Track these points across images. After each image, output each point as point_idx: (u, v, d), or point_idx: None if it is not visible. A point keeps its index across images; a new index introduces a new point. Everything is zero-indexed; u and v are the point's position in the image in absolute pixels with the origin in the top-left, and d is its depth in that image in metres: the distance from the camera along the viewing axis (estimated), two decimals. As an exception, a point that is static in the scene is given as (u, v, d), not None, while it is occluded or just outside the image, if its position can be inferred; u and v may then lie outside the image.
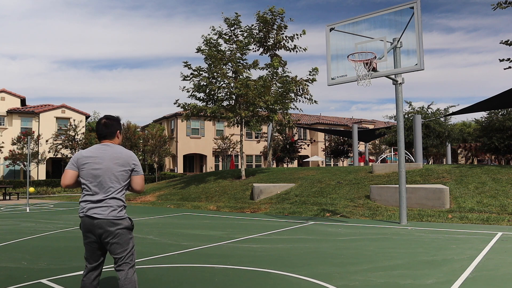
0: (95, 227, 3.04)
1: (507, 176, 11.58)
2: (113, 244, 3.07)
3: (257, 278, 4.60)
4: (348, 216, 10.38)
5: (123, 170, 3.14)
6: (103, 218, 3.03)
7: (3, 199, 21.16)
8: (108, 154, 3.15)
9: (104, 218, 3.03)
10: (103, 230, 3.04)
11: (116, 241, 3.07)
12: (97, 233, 3.06)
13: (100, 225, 3.03)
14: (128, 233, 3.13)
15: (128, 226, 3.13)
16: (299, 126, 33.18)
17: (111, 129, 3.26)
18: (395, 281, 4.39)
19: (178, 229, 8.72)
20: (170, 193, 17.22)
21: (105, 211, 3.05)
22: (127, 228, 3.12)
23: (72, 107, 34.42)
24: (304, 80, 17.64)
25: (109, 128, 3.26)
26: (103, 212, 3.04)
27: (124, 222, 3.10)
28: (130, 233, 3.15)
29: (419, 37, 8.47)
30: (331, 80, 9.53)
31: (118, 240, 3.07)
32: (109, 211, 3.05)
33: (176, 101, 17.44)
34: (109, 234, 3.04)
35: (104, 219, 3.03)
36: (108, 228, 3.03)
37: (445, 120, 24.14)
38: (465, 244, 6.44)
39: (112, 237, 3.05)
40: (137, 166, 3.21)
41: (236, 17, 17.17)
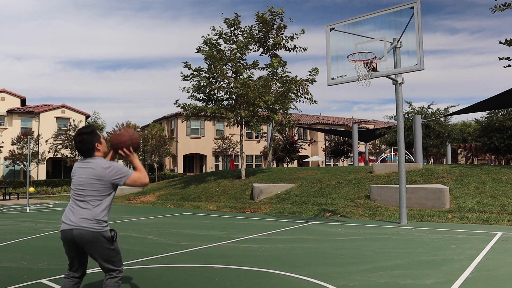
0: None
1: (507, 176, 11.58)
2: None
3: (257, 278, 4.60)
4: (348, 216, 10.38)
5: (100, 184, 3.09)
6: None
7: (3, 199, 21.16)
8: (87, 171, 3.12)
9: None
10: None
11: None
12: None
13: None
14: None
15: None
16: (299, 126, 33.17)
17: (87, 145, 3.15)
18: (395, 281, 4.39)
19: (178, 229, 8.72)
20: (170, 193, 17.22)
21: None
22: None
23: (72, 107, 34.42)
24: (304, 80, 17.64)
25: (85, 145, 3.15)
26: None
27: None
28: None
29: (419, 37, 8.47)
30: (331, 80, 9.52)
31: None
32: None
33: (176, 101, 17.45)
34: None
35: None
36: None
37: (445, 120, 24.15)
38: (465, 244, 6.44)
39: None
40: (117, 175, 3.09)
41: (236, 17, 17.18)
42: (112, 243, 3.11)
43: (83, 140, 3.14)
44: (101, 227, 3.05)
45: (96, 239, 3.02)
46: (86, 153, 3.16)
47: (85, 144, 3.14)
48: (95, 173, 3.08)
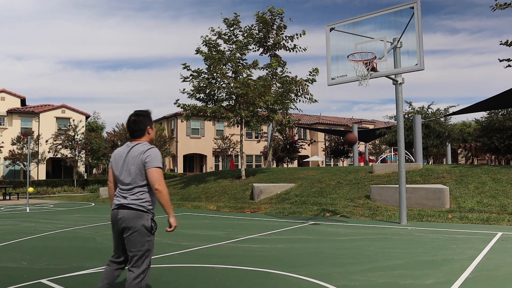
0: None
1: (507, 176, 11.58)
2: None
3: (257, 278, 4.60)
4: (348, 216, 10.38)
5: (136, 168, 3.15)
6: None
7: (3, 199, 21.16)
8: (130, 155, 3.20)
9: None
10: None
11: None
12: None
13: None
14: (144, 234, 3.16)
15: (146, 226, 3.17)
16: (299, 126, 33.18)
17: (140, 125, 3.21)
18: (395, 281, 4.39)
19: (178, 229, 8.72)
20: (170, 193, 17.22)
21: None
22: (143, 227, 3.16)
23: (72, 107, 34.42)
24: (304, 80, 17.63)
25: (139, 126, 3.21)
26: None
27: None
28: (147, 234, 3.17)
29: (419, 37, 8.47)
30: (331, 80, 9.52)
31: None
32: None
33: (176, 101, 17.44)
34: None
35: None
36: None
37: (445, 120, 24.14)
38: (465, 244, 6.44)
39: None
40: (149, 158, 3.11)
41: (235, 17, 17.17)
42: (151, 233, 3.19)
43: (137, 121, 3.21)
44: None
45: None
46: (136, 133, 3.22)
47: (138, 124, 3.21)
48: (135, 156, 3.15)
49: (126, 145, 3.26)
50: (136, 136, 3.23)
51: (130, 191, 3.16)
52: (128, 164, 3.16)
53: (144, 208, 3.16)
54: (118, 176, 3.22)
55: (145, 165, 3.10)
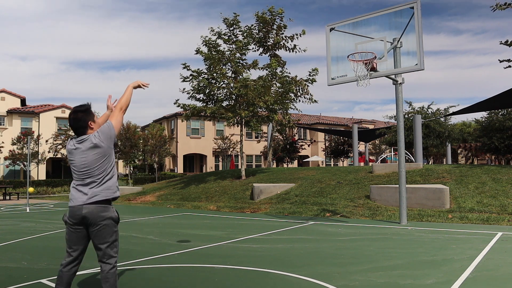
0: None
1: (507, 176, 11.58)
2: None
3: (257, 278, 4.60)
4: (348, 216, 10.38)
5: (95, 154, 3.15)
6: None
7: (3, 199, 21.16)
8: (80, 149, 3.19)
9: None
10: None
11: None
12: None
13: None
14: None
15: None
16: (299, 126, 33.18)
17: (81, 123, 3.19)
18: (395, 281, 4.39)
19: (178, 229, 8.72)
20: (170, 193, 17.21)
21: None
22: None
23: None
24: (304, 80, 17.63)
25: (79, 123, 3.19)
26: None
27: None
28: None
29: (419, 37, 8.47)
30: (331, 80, 9.52)
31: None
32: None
33: (176, 101, 17.45)
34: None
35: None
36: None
37: (445, 120, 24.14)
38: (465, 244, 6.44)
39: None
40: (101, 131, 3.15)
41: (235, 17, 17.17)
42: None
43: (77, 118, 3.18)
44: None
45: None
46: (79, 130, 3.20)
47: (79, 121, 3.18)
48: (93, 146, 3.14)
49: (73, 142, 3.23)
50: (80, 133, 3.22)
51: (91, 185, 3.15)
52: (81, 160, 3.15)
53: (109, 201, 3.19)
54: (78, 169, 3.20)
55: (109, 132, 3.17)
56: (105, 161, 3.17)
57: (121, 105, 3.29)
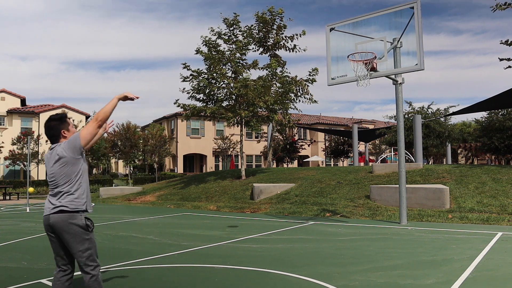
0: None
1: (507, 176, 11.58)
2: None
3: (257, 278, 4.60)
4: (348, 216, 10.38)
5: (59, 164, 3.11)
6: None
7: (3, 199, 21.16)
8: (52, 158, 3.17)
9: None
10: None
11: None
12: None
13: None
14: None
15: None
16: (299, 126, 33.18)
17: (53, 131, 3.20)
18: (395, 281, 4.39)
19: (178, 229, 8.72)
20: (170, 193, 17.21)
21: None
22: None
23: (72, 107, 34.43)
24: (304, 80, 17.63)
25: (51, 131, 3.20)
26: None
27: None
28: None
29: (419, 37, 8.47)
30: (331, 80, 9.53)
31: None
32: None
33: (176, 101, 17.45)
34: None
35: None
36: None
37: (445, 120, 24.13)
38: (465, 244, 6.44)
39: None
40: (68, 142, 3.10)
41: (235, 17, 17.17)
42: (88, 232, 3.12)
43: (50, 126, 3.21)
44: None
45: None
46: (52, 139, 3.22)
47: (51, 130, 3.20)
48: (57, 157, 3.11)
49: (51, 147, 3.27)
50: (53, 141, 3.23)
51: (58, 193, 3.13)
52: (52, 165, 3.15)
53: (76, 208, 3.11)
54: (48, 179, 3.22)
55: (75, 145, 3.11)
56: (69, 172, 3.11)
57: (97, 115, 3.14)
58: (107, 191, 18.80)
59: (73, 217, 3.08)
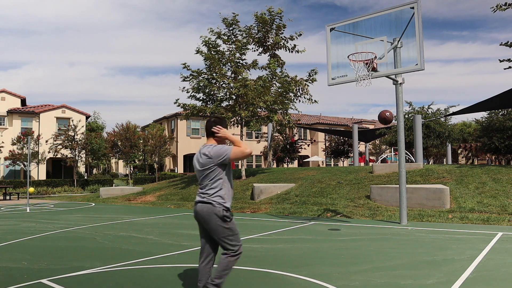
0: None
1: (508, 176, 11.57)
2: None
3: (257, 278, 4.60)
4: (349, 216, 10.38)
5: (207, 164, 3.63)
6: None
7: (3, 199, 21.16)
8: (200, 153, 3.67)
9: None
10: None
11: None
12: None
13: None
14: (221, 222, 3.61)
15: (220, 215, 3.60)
16: (299, 126, 33.17)
17: (209, 129, 3.70)
18: (395, 281, 4.38)
19: (178, 229, 8.72)
20: (170, 193, 17.22)
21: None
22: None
23: (72, 107, 34.44)
24: (304, 80, 17.63)
25: (208, 129, 3.71)
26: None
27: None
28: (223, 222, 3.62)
29: (420, 37, 8.47)
30: (331, 80, 9.53)
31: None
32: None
33: (177, 100, 17.46)
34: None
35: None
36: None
37: (446, 120, 24.13)
38: (466, 244, 6.44)
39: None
40: (219, 153, 3.59)
41: (234, 17, 17.17)
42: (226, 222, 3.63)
43: (208, 124, 3.70)
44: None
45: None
46: (208, 135, 3.73)
47: (208, 128, 3.71)
48: (205, 158, 3.64)
49: (205, 146, 3.74)
50: (210, 135, 3.74)
51: (203, 188, 3.73)
52: (201, 165, 3.68)
53: (215, 201, 3.73)
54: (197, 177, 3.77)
55: (223, 159, 3.68)
56: (212, 171, 3.74)
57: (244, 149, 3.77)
58: (107, 191, 18.80)
59: (213, 208, 3.70)
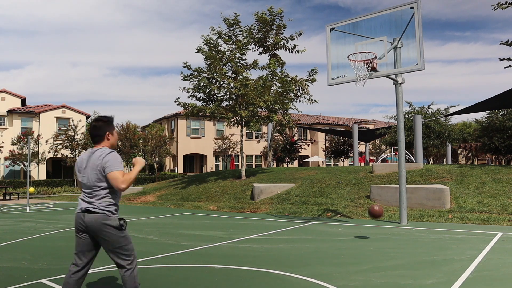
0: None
1: (508, 176, 11.57)
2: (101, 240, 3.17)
3: (257, 278, 4.60)
4: (349, 216, 10.38)
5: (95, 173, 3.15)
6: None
7: (3, 199, 21.16)
8: (90, 161, 3.20)
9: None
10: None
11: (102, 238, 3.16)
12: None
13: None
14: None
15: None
16: (299, 126, 33.18)
17: (98, 132, 3.25)
18: (395, 281, 4.38)
19: (178, 229, 8.72)
20: (170, 193, 17.21)
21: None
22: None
23: (72, 107, 34.44)
24: (304, 80, 17.62)
25: (97, 131, 3.25)
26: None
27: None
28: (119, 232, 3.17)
29: (420, 37, 8.47)
30: (331, 80, 9.53)
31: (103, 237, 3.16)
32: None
33: (177, 99, 17.45)
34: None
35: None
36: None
37: (446, 120, 24.13)
38: (466, 244, 6.44)
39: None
40: (107, 163, 3.10)
41: (235, 17, 17.17)
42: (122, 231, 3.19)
43: (97, 126, 3.27)
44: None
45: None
46: (95, 139, 3.28)
47: (98, 130, 3.26)
48: (92, 162, 3.18)
49: (88, 150, 3.32)
50: (96, 141, 3.27)
51: (92, 195, 3.17)
52: (88, 169, 3.19)
53: (109, 212, 3.15)
54: (81, 181, 3.25)
55: (105, 170, 3.11)
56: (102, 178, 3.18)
57: (126, 181, 3.12)
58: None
59: (107, 218, 3.13)
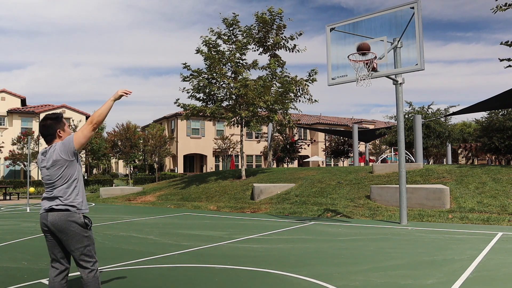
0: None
1: (508, 176, 11.57)
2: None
3: (257, 278, 4.60)
4: (349, 216, 10.38)
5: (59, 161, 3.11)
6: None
7: (3, 199, 21.16)
8: (47, 160, 3.16)
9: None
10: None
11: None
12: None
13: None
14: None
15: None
16: (299, 126, 33.17)
17: (49, 130, 3.21)
18: (395, 281, 4.38)
19: (178, 229, 8.72)
20: (170, 193, 17.22)
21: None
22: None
23: (73, 107, 34.46)
24: (304, 80, 17.62)
25: (47, 130, 3.21)
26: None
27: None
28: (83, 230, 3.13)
29: (420, 37, 8.47)
30: (332, 80, 9.53)
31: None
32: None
33: (177, 100, 17.45)
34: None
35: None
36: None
37: (446, 120, 24.13)
38: (466, 244, 6.44)
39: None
40: (64, 143, 3.11)
41: (234, 17, 17.16)
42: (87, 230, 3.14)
43: (45, 125, 3.20)
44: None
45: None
46: (47, 138, 3.22)
47: (47, 129, 3.20)
48: (57, 154, 3.12)
49: (41, 152, 3.27)
50: (48, 141, 3.23)
51: (53, 193, 3.15)
52: (48, 167, 3.16)
53: (74, 207, 3.13)
54: (44, 181, 3.23)
55: (68, 146, 3.11)
56: (65, 174, 3.13)
57: (92, 118, 3.14)
58: (107, 191, 18.79)
59: (72, 215, 3.09)
